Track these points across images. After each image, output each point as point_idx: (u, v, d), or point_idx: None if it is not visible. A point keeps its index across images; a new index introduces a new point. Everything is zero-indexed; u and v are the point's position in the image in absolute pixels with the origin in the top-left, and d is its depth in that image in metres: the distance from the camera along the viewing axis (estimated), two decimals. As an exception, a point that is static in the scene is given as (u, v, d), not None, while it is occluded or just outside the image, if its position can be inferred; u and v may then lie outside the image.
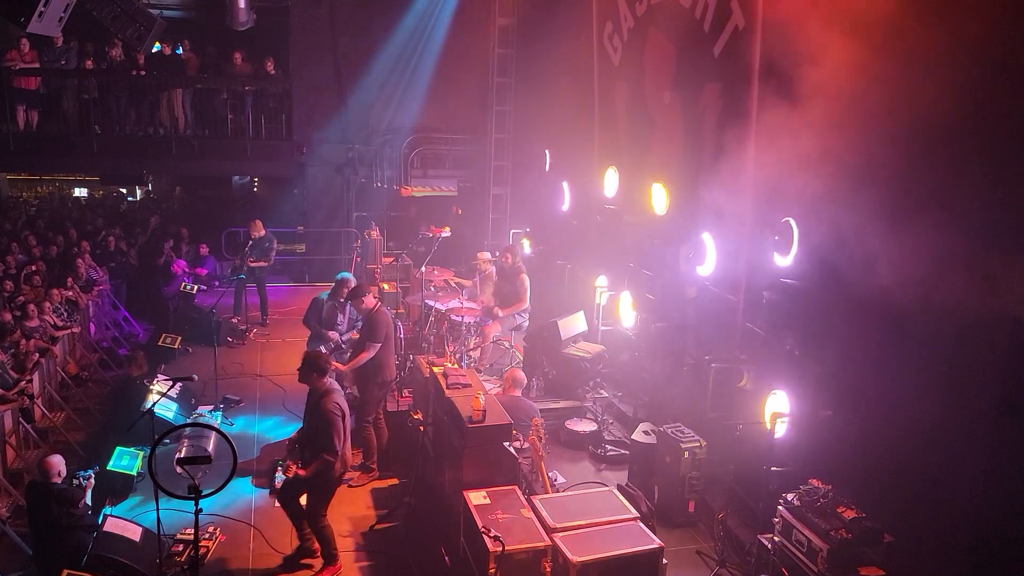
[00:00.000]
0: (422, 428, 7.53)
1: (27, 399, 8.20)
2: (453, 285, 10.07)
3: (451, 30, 13.91)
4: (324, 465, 5.86)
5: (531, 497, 5.71)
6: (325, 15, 14.54)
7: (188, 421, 8.24)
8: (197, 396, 9.10)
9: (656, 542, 5.21)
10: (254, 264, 12.03)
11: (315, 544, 6.40)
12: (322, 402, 5.92)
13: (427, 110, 15.00)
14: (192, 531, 4.19)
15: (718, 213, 7.24)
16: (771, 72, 6.53)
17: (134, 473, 7.22)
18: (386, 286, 10.79)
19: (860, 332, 5.64)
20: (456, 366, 7.35)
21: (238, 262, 12.30)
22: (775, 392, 6.24)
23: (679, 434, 6.80)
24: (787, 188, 6.09)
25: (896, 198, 5.09)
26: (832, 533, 5.14)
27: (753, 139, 6.81)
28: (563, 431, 8.28)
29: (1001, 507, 4.79)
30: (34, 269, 11.40)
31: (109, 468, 7.09)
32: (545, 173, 12.07)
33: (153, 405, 7.32)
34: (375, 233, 12.27)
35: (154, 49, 13.84)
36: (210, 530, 6.64)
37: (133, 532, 6.09)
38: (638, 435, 7.24)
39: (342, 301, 8.82)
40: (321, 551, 6.24)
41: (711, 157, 7.05)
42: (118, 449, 7.27)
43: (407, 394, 8.70)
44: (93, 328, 11.51)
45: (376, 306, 7.73)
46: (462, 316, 9.04)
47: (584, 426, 8.31)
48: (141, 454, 7.27)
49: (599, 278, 9.76)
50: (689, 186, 7.59)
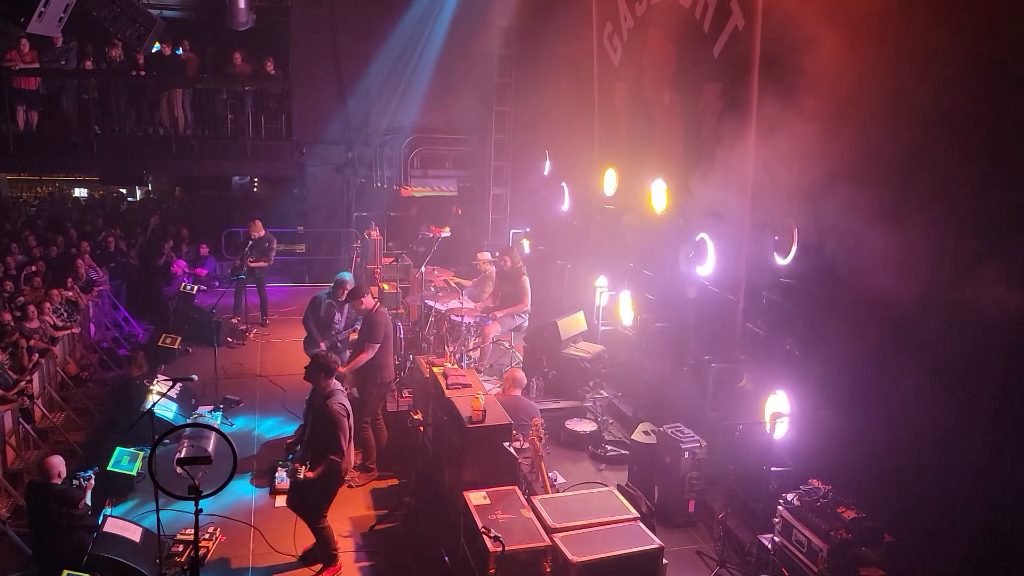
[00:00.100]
0: (422, 428, 7.54)
1: (27, 399, 8.21)
2: (453, 285, 10.07)
3: (451, 30, 13.91)
4: (332, 465, 5.88)
5: (531, 497, 5.71)
6: (325, 15, 14.53)
7: (188, 421, 8.24)
8: (197, 396, 9.10)
9: (656, 542, 5.21)
10: (254, 264, 12.04)
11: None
12: (327, 403, 5.93)
13: (427, 110, 14.99)
14: (192, 531, 4.19)
15: (718, 213, 7.24)
16: (771, 71, 6.53)
17: (134, 473, 7.22)
18: (386, 286, 10.79)
19: (860, 332, 5.63)
20: (456, 366, 7.35)
21: (238, 262, 12.30)
22: (775, 392, 6.24)
23: (679, 434, 6.80)
24: (787, 188, 6.09)
25: (897, 197, 5.09)
26: (832, 533, 5.14)
27: (753, 139, 6.81)
28: (563, 431, 8.28)
29: (1001, 507, 4.79)
30: (34, 270, 11.40)
31: (109, 468, 7.09)
32: (546, 173, 12.06)
33: (153, 405, 7.32)
34: (375, 233, 12.27)
35: (154, 49, 13.84)
36: (210, 530, 6.65)
37: (133, 532, 6.10)
38: (638, 435, 7.25)
39: (340, 301, 8.83)
40: (321, 552, 6.24)
41: (711, 157, 7.04)
42: (118, 449, 7.27)
43: (407, 394, 8.70)
44: (93, 328, 11.51)
45: (375, 307, 7.74)
46: (462, 316, 9.04)
47: (584, 426, 8.31)
48: (141, 454, 7.27)
49: (599, 278, 9.76)
50: (689, 186, 7.58)
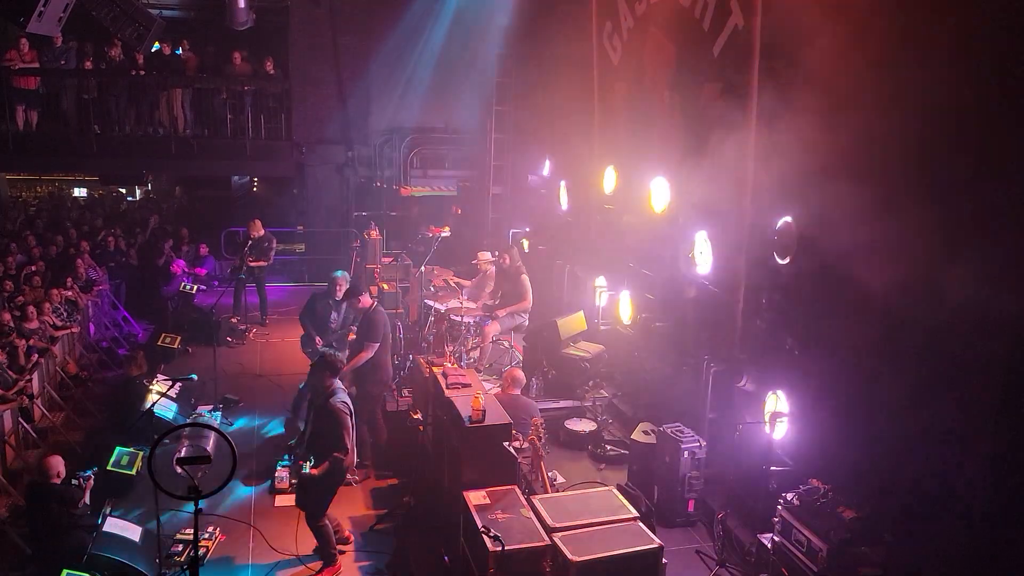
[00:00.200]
0: (422, 428, 7.54)
1: (27, 399, 8.21)
2: (453, 285, 10.06)
3: (451, 30, 13.90)
4: (336, 463, 5.93)
5: (531, 497, 5.72)
6: (325, 15, 14.52)
7: (188, 421, 8.23)
8: (197, 396, 9.09)
9: (656, 542, 5.21)
10: (253, 264, 12.03)
11: (345, 532, 6.50)
12: (330, 402, 5.99)
13: (427, 110, 14.98)
14: (192, 531, 4.18)
15: (718, 212, 7.23)
16: (771, 70, 6.52)
17: (133, 473, 7.21)
18: (385, 286, 10.79)
19: (860, 331, 5.62)
20: (456, 366, 7.35)
21: (237, 262, 12.30)
22: (775, 392, 6.24)
23: (679, 434, 6.79)
24: (787, 187, 6.09)
25: (897, 196, 5.08)
26: (832, 533, 5.14)
27: (753, 138, 6.81)
28: (563, 431, 8.27)
29: (1001, 506, 4.78)
30: (34, 269, 11.39)
31: (109, 468, 7.08)
32: (546, 174, 12.06)
33: (153, 405, 7.34)
34: (375, 233, 12.27)
35: (153, 49, 13.82)
36: (210, 530, 6.65)
37: (133, 532, 6.10)
38: (638, 435, 7.24)
39: (336, 300, 8.82)
40: (321, 551, 6.25)
41: (711, 156, 7.03)
42: (118, 449, 7.26)
43: (407, 394, 8.70)
44: (93, 328, 11.50)
45: (373, 305, 7.73)
46: (461, 316, 9.04)
47: (584, 426, 8.30)
48: (140, 454, 7.26)
49: (599, 278, 9.75)
50: (689, 185, 7.58)
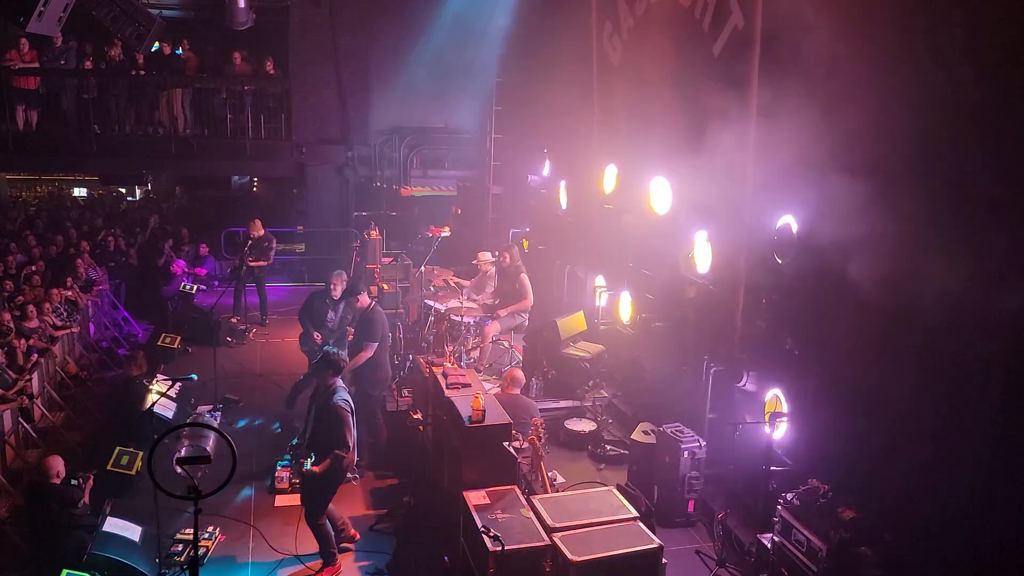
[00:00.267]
0: (422, 428, 7.54)
1: (27, 399, 8.20)
2: (452, 285, 10.06)
3: (451, 30, 13.89)
4: (337, 460, 5.94)
5: (530, 497, 5.72)
6: (325, 15, 14.52)
7: (188, 421, 8.23)
8: (197, 396, 9.09)
9: (655, 542, 5.22)
10: (253, 264, 12.03)
11: (351, 531, 6.50)
12: (332, 400, 6.02)
13: (427, 110, 14.99)
14: (192, 531, 4.18)
15: (718, 212, 7.23)
16: (771, 70, 6.52)
17: (133, 473, 7.21)
18: (385, 286, 10.80)
19: (860, 331, 5.63)
20: (456, 366, 7.35)
21: (237, 262, 12.30)
22: (775, 392, 6.24)
23: (679, 434, 6.79)
24: (787, 187, 6.09)
25: (898, 196, 5.08)
26: (832, 533, 5.14)
27: (753, 138, 6.80)
28: (563, 431, 8.28)
29: (1001, 506, 4.79)
30: (34, 269, 11.39)
31: (108, 468, 7.08)
32: (545, 174, 12.05)
33: (153, 405, 7.33)
34: (375, 233, 12.28)
35: (153, 49, 13.82)
36: (210, 530, 6.65)
37: (133, 532, 6.10)
38: (638, 435, 7.24)
39: (333, 298, 8.81)
40: (320, 550, 6.25)
41: (710, 156, 7.03)
42: (118, 449, 7.25)
43: (407, 394, 8.70)
44: (92, 328, 11.50)
45: (371, 305, 7.72)
46: (461, 316, 9.04)
47: (584, 426, 8.30)
48: (140, 454, 7.26)
49: (598, 277, 9.75)
50: (689, 185, 7.58)
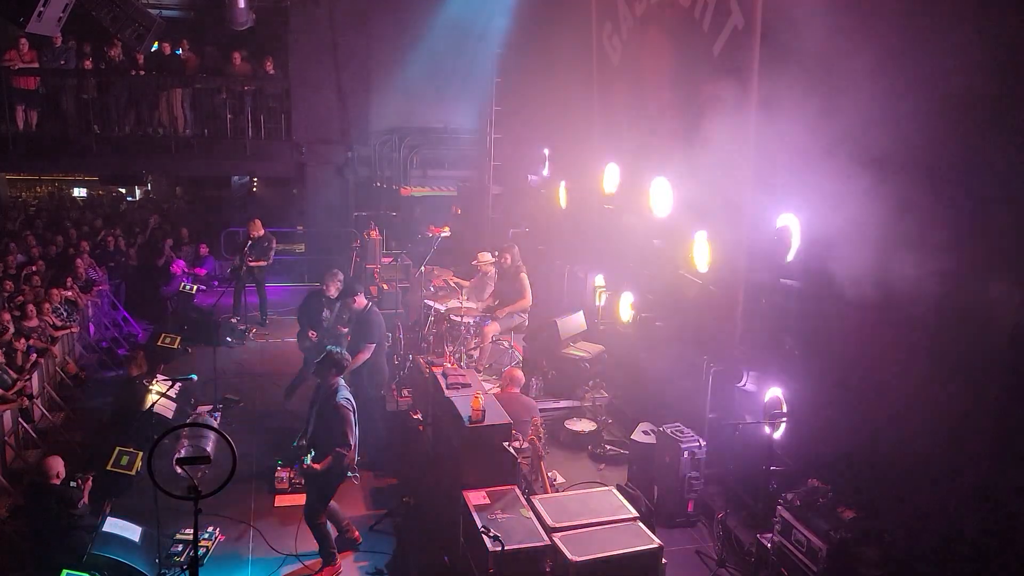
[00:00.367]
0: (422, 428, 7.54)
1: (26, 399, 8.20)
2: (452, 285, 10.07)
3: (450, 30, 13.89)
4: (338, 458, 5.97)
5: (530, 497, 5.72)
6: (324, 15, 14.50)
7: (188, 421, 8.23)
8: (197, 396, 9.09)
9: (655, 542, 5.22)
10: (253, 264, 12.03)
11: (354, 533, 6.52)
12: (334, 399, 6.06)
13: (427, 110, 14.99)
14: (192, 531, 4.18)
15: (718, 212, 7.23)
16: (771, 70, 6.51)
17: (133, 473, 7.21)
18: (385, 286, 10.80)
19: (860, 331, 5.63)
20: (455, 366, 7.35)
21: (237, 262, 12.29)
22: (775, 392, 6.24)
23: (679, 434, 6.79)
24: (787, 186, 6.09)
25: (897, 193, 5.07)
26: (832, 533, 5.14)
27: (753, 138, 6.81)
28: (563, 431, 8.28)
29: (1002, 506, 4.79)
30: (34, 270, 11.39)
31: (108, 468, 7.08)
32: (545, 174, 12.05)
33: (153, 405, 7.33)
34: (375, 233, 12.27)
35: (153, 49, 13.82)
36: (210, 530, 6.64)
37: (133, 532, 6.10)
38: (637, 435, 7.24)
39: (329, 297, 8.81)
40: (320, 550, 6.25)
41: (711, 156, 7.04)
42: (118, 449, 7.26)
43: (407, 394, 8.71)
44: (92, 328, 11.50)
45: (368, 306, 7.70)
46: (461, 316, 9.04)
47: (584, 426, 8.30)
48: (140, 454, 7.26)
49: (598, 277, 9.75)
50: (689, 185, 7.59)
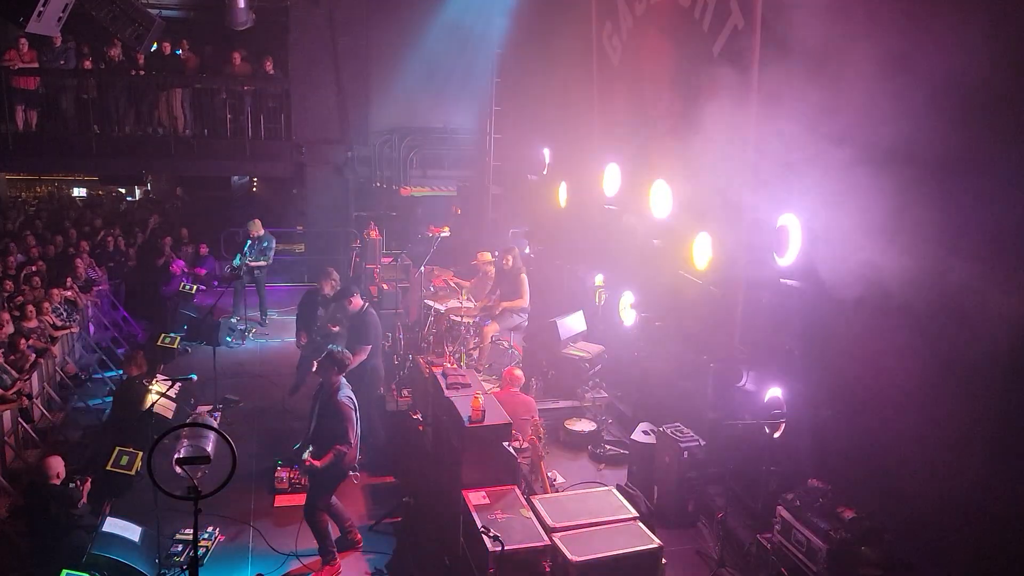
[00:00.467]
0: (422, 428, 7.54)
1: (26, 399, 8.20)
2: (452, 285, 10.07)
3: (450, 30, 13.89)
4: (338, 455, 6.01)
5: (530, 497, 5.72)
6: (324, 15, 14.52)
7: (188, 421, 8.22)
8: (197, 396, 9.09)
9: (655, 542, 5.22)
10: (253, 264, 12.03)
11: (356, 535, 6.54)
12: (335, 397, 6.13)
13: (426, 110, 15.01)
14: (192, 531, 4.18)
15: (718, 212, 7.23)
16: (772, 67, 6.50)
17: (133, 473, 7.20)
18: (385, 286, 10.80)
19: (860, 331, 5.63)
20: (455, 366, 7.35)
21: (236, 263, 12.29)
22: (774, 392, 6.24)
23: (678, 434, 6.79)
24: (787, 186, 6.09)
25: (898, 195, 5.07)
26: (832, 533, 5.14)
27: (753, 138, 6.81)
28: (562, 431, 8.27)
29: (1002, 507, 4.79)
30: (34, 270, 11.39)
31: (108, 468, 7.07)
32: (544, 172, 12.05)
33: (152, 405, 7.32)
34: (375, 233, 12.27)
35: (153, 49, 13.82)
36: (210, 530, 6.64)
37: (132, 532, 6.10)
38: (637, 435, 7.24)
39: (324, 296, 8.81)
40: (319, 549, 6.26)
41: (711, 157, 7.03)
42: (118, 449, 7.25)
43: (407, 394, 8.70)
44: (92, 328, 11.50)
45: (363, 307, 7.70)
46: (461, 316, 9.04)
47: (583, 426, 8.30)
48: (140, 454, 7.25)
49: (598, 277, 9.75)
50: (689, 185, 7.59)
